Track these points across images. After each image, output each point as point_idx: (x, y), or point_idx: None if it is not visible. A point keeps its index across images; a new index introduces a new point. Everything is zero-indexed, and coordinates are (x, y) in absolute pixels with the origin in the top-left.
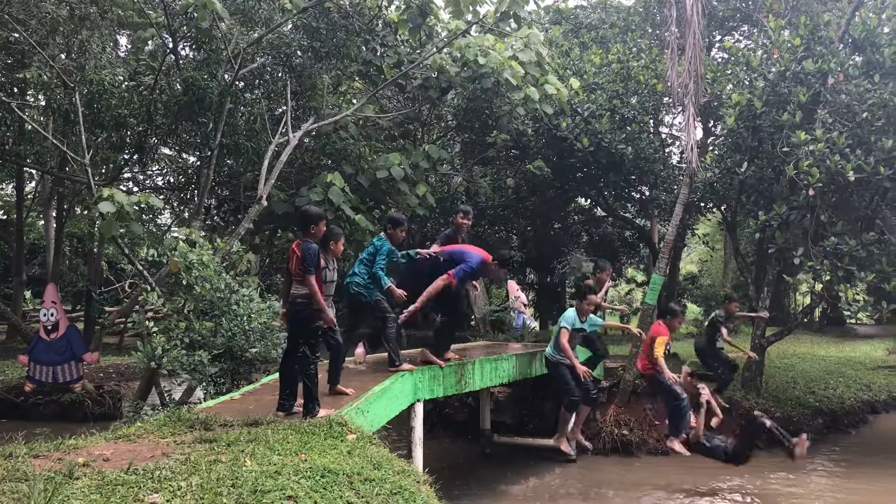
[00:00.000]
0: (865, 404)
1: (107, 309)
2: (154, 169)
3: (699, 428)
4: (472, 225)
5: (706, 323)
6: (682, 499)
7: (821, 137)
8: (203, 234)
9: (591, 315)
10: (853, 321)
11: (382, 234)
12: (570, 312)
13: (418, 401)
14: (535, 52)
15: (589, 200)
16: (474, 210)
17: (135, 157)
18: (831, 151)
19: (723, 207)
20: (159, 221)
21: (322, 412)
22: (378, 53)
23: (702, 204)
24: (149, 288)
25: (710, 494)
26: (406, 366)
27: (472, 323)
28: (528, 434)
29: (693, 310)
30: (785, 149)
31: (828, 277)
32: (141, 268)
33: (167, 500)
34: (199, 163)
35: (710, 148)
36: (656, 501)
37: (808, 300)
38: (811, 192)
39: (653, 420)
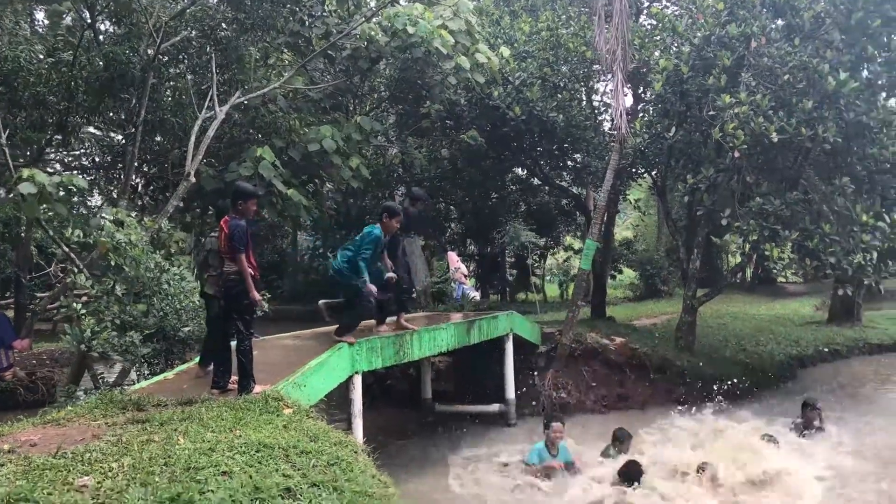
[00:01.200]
0: (794, 359)
1: (38, 295)
2: (79, 149)
3: None
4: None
5: None
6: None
7: (745, 100)
8: (134, 214)
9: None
10: (783, 280)
11: (378, 223)
12: (537, 447)
13: (357, 373)
14: (465, 20)
15: (525, 170)
16: (410, 182)
17: (57, 137)
18: (755, 114)
19: (653, 172)
20: (90, 203)
21: (258, 388)
22: (306, 24)
23: (633, 169)
24: (76, 270)
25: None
26: (348, 338)
27: (414, 295)
28: (468, 401)
29: (629, 274)
30: (711, 112)
31: (754, 237)
32: (68, 250)
33: (98, 483)
34: (124, 141)
35: (640, 114)
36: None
37: (739, 261)
38: (737, 155)
39: (589, 382)
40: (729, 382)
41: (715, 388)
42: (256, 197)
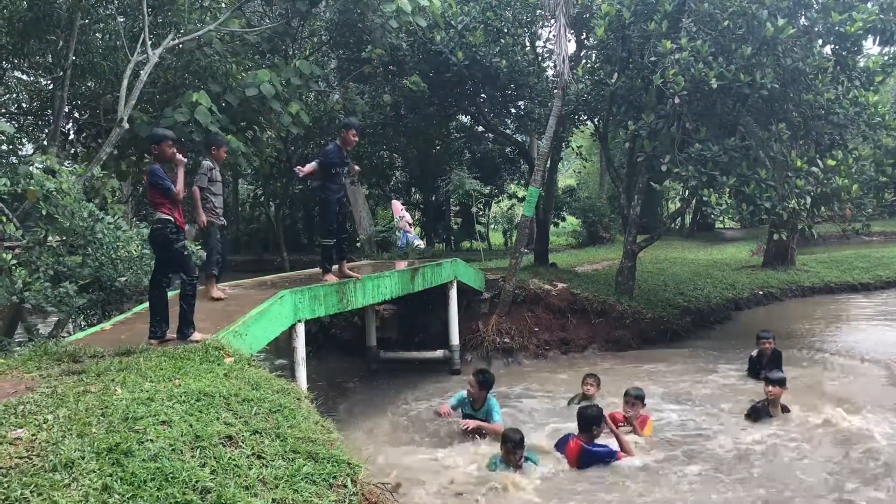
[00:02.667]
0: (730, 302)
1: None
2: (5, 94)
3: None
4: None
5: None
6: (556, 396)
7: (685, 46)
8: (68, 162)
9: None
10: (721, 226)
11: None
12: (459, 394)
13: (299, 321)
14: None
15: (469, 117)
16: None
17: None
18: (695, 60)
19: (595, 119)
20: (20, 151)
21: (197, 336)
22: None
23: (575, 116)
24: (4, 220)
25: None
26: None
27: (358, 245)
28: (413, 348)
29: (572, 221)
30: (652, 59)
31: (693, 183)
32: None
33: (32, 435)
34: (52, 85)
35: (583, 60)
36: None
37: (678, 207)
38: (677, 101)
39: (532, 327)
40: (670, 324)
41: (653, 330)
42: (168, 140)
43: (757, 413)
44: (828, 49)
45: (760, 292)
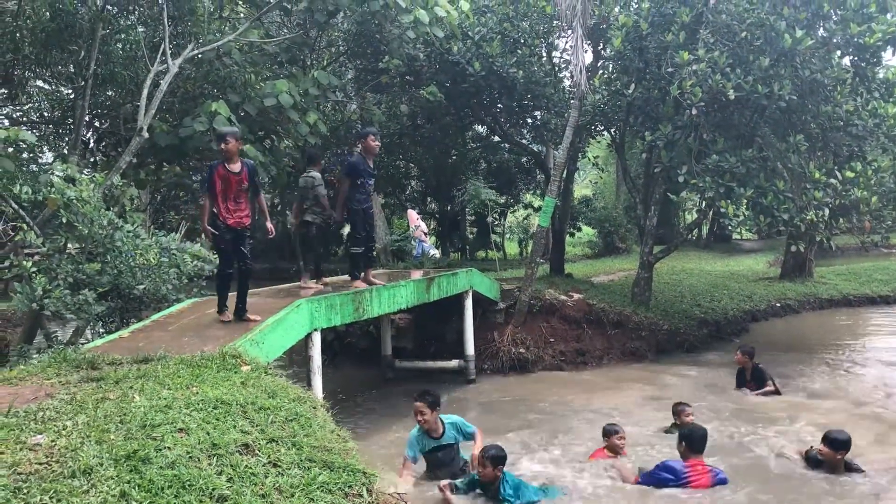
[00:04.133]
0: (746, 314)
1: None
2: (27, 103)
3: None
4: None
5: None
6: (575, 409)
7: (703, 57)
8: (87, 171)
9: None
10: (738, 237)
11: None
12: (411, 436)
13: (315, 330)
14: None
15: (485, 127)
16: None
17: (2, 91)
18: (713, 71)
19: (612, 129)
20: (40, 160)
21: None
22: None
23: (592, 126)
24: (26, 228)
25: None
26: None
27: (374, 253)
28: (428, 358)
29: (588, 232)
30: (669, 69)
31: (710, 194)
32: (16, 206)
33: (52, 441)
34: (73, 95)
35: (600, 71)
36: (552, 410)
37: (695, 218)
38: (694, 112)
39: (548, 338)
40: (686, 336)
41: (669, 342)
42: (224, 137)
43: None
44: (846, 60)
45: (778, 304)
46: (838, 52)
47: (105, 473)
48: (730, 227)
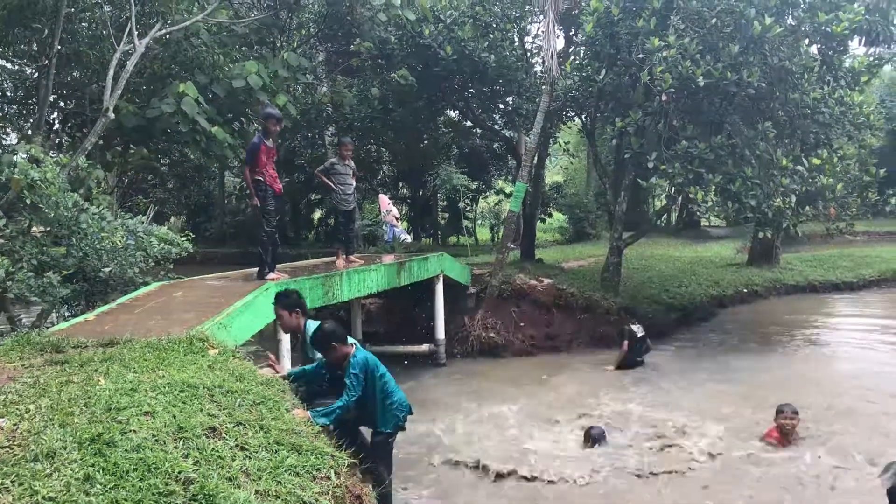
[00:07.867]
0: (714, 299)
1: None
2: None
3: None
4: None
5: None
6: (542, 388)
7: (673, 44)
8: (52, 152)
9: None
10: (706, 224)
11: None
12: None
13: None
14: None
15: (457, 112)
16: (341, 122)
17: None
18: (683, 57)
19: (583, 115)
20: (5, 141)
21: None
22: None
23: (563, 112)
24: None
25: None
26: (273, 276)
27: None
28: (399, 342)
29: (558, 218)
30: (640, 55)
31: (680, 180)
32: None
33: (14, 424)
34: (37, 74)
35: (571, 56)
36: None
37: (664, 204)
38: (664, 98)
39: (518, 322)
40: (655, 321)
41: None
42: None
43: None
44: (814, 49)
45: (745, 290)
46: (806, 41)
47: (69, 457)
48: (698, 214)
